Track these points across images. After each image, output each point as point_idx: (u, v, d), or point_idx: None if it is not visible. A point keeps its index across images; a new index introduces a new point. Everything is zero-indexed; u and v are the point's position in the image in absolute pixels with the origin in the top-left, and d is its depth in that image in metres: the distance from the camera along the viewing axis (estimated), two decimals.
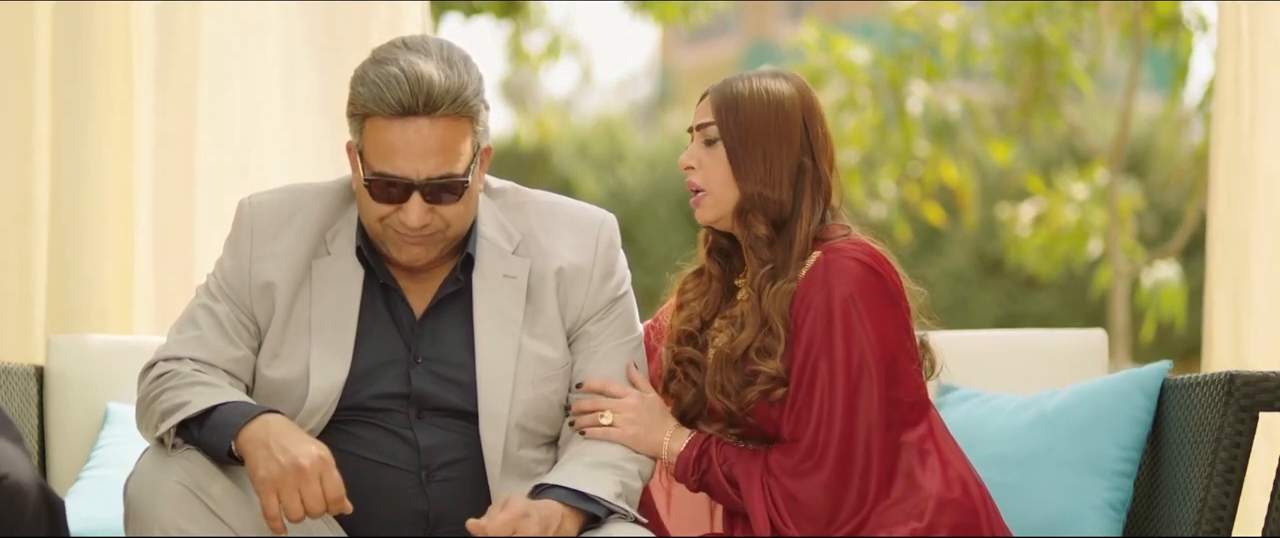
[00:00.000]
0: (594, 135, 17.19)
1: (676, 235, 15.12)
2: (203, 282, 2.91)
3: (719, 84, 2.90)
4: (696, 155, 2.87)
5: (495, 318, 2.84)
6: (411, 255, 2.79)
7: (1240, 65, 3.73)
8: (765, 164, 2.83)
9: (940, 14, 8.55)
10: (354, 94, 2.77)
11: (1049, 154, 13.95)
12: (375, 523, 2.81)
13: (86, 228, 3.97)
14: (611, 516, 2.78)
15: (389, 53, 2.76)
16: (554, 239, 2.89)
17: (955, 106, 8.72)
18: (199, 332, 2.83)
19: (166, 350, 2.83)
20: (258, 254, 2.85)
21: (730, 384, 2.83)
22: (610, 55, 25.54)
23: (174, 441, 2.69)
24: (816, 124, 2.87)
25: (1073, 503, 3.19)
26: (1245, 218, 3.73)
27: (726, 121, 2.84)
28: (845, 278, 2.78)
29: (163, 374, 2.78)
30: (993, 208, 10.70)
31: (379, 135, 2.73)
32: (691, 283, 2.97)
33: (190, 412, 2.67)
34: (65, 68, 3.95)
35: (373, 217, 2.78)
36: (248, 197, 2.91)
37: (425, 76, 2.70)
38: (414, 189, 2.73)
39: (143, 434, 2.79)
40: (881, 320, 2.79)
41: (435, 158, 2.73)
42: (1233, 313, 3.74)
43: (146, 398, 2.78)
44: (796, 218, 2.84)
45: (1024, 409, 3.31)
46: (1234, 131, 3.74)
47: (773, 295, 2.81)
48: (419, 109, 2.70)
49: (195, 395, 2.70)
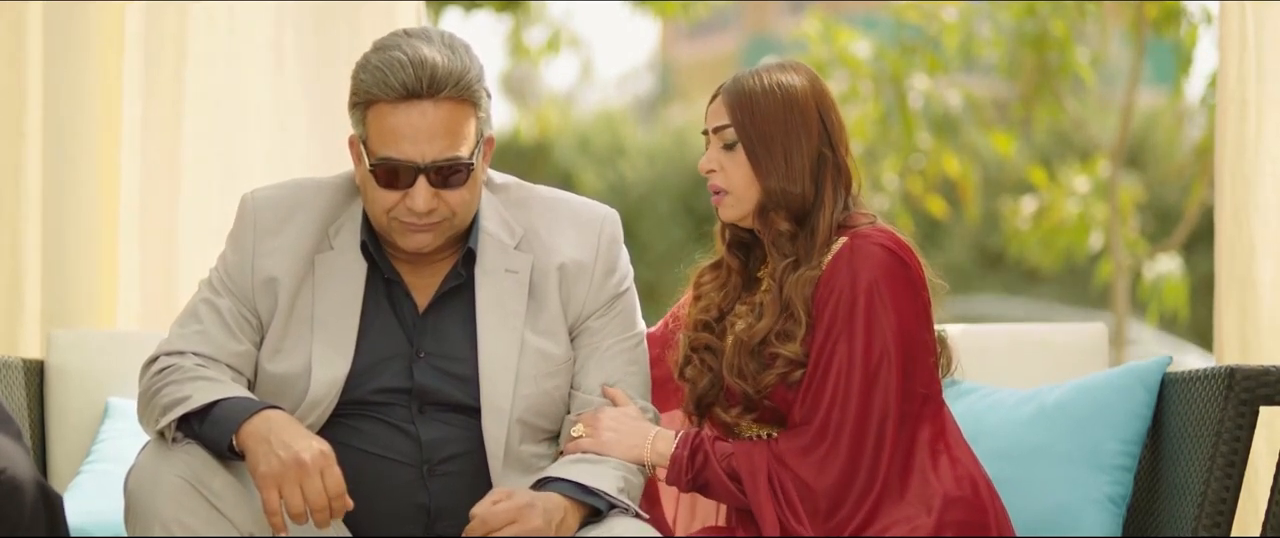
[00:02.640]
0: (594, 130, 17.17)
1: (677, 230, 15.11)
2: (206, 276, 2.91)
3: (729, 83, 2.89)
4: (716, 159, 2.87)
5: (498, 313, 2.84)
6: (418, 242, 2.79)
7: (1246, 59, 3.71)
8: (786, 160, 2.83)
9: (942, 7, 8.54)
10: (356, 83, 2.78)
11: (1050, 147, 13.95)
12: (377, 518, 2.81)
13: (75, 220, 3.96)
14: (613, 510, 2.78)
15: (391, 40, 2.77)
16: (556, 235, 2.89)
17: (957, 99, 8.71)
18: (201, 326, 2.83)
19: (169, 345, 2.83)
20: (260, 249, 2.85)
21: (747, 369, 2.82)
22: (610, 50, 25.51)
23: (175, 435, 2.69)
24: (831, 112, 2.87)
25: (1073, 497, 3.19)
26: (1252, 212, 3.71)
27: (743, 122, 2.84)
28: (871, 263, 2.78)
29: (165, 368, 2.78)
30: (994, 201, 10.69)
31: (383, 121, 2.74)
32: (709, 275, 2.97)
33: (191, 406, 2.67)
34: (56, 60, 3.94)
35: (380, 208, 2.78)
36: (250, 191, 2.91)
37: (429, 59, 2.72)
38: (419, 173, 2.73)
39: (144, 428, 2.79)
40: (904, 309, 2.79)
41: (440, 140, 2.73)
42: (1240, 307, 3.73)
43: (148, 392, 2.78)
44: (819, 208, 2.84)
45: (1024, 403, 3.31)
46: (1239, 125, 3.72)
47: (795, 282, 2.81)
48: (423, 91, 2.71)
49: (196, 390, 2.70)
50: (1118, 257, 8.59)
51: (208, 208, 4.05)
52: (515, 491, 2.72)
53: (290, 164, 4.06)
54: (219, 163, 4.07)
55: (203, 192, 4.06)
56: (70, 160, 3.96)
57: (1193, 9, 8.07)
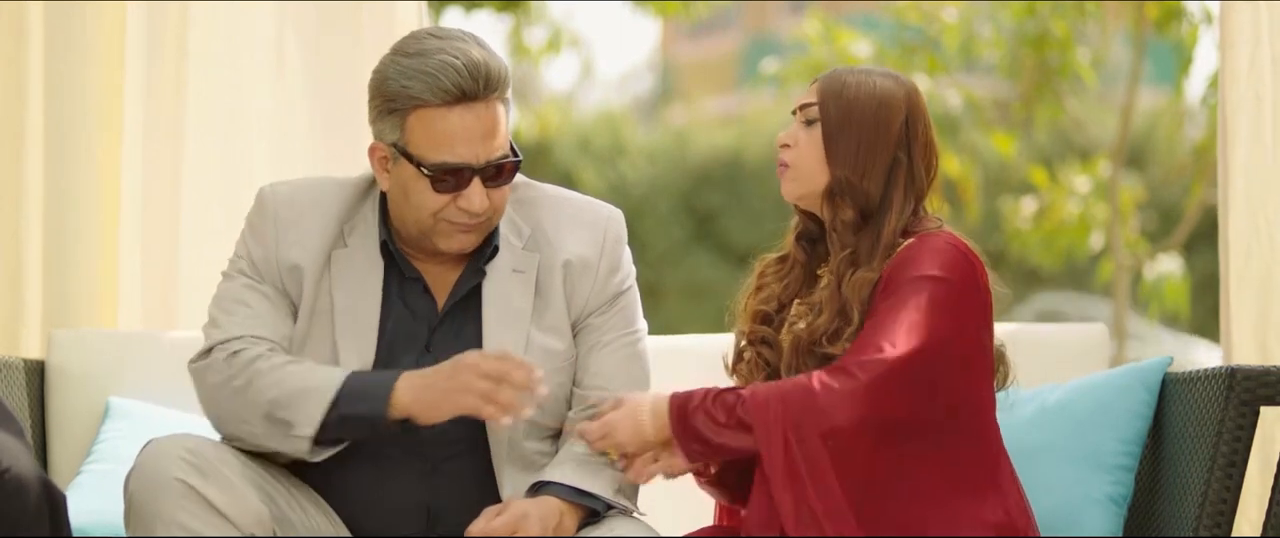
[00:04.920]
0: (595, 129, 17.16)
1: (677, 230, 15.11)
2: (226, 269, 2.88)
3: (831, 71, 2.93)
4: (794, 134, 2.89)
5: (505, 312, 2.84)
6: (463, 243, 2.80)
7: (1259, 54, 3.70)
8: (858, 152, 2.84)
9: (943, 7, 8.54)
10: (392, 90, 2.74)
11: (1051, 147, 13.94)
12: (378, 515, 2.81)
13: (76, 220, 3.96)
14: (610, 511, 2.78)
15: (425, 45, 2.75)
16: (563, 233, 2.89)
17: (957, 100, 8.71)
18: (252, 310, 2.81)
19: (224, 331, 2.80)
20: (283, 240, 2.84)
21: (805, 369, 2.81)
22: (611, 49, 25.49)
23: (312, 431, 2.68)
24: (919, 125, 2.88)
25: (1074, 497, 3.19)
26: (1271, 209, 3.70)
27: (828, 104, 2.87)
28: (938, 256, 2.78)
29: (249, 359, 2.75)
30: (995, 201, 10.69)
31: (433, 126, 2.73)
32: (773, 267, 2.98)
33: (329, 398, 2.67)
34: (57, 60, 3.94)
35: (425, 212, 2.77)
36: (268, 185, 2.90)
37: (479, 60, 2.72)
38: (475, 174, 2.74)
39: (226, 425, 2.76)
40: (967, 304, 2.78)
41: (492, 139, 2.75)
42: (1258, 306, 3.71)
43: (229, 382, 2.74)
44: (886, 210, 2.84)
45: (1026, 403, 3.31)
46: (1255, 121, 3.70)
47: (852, 283, 2.81)
48: (479, 93, 2.72)
49: (307, 378, 2.70)
50: (1119, 256, 8.59)
51: (208, 208, 4.05)
52: (509, 503, 2.73)
53: (291, 164, 4.06)
54: (220, 163, 4.07)
55: (204, 191, 4.06)
56: (71, 160, 3.96)
57: (1193, 9, 8.08)
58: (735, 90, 19.45)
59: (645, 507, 2.89)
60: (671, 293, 12.85)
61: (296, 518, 2.75)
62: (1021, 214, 9.32)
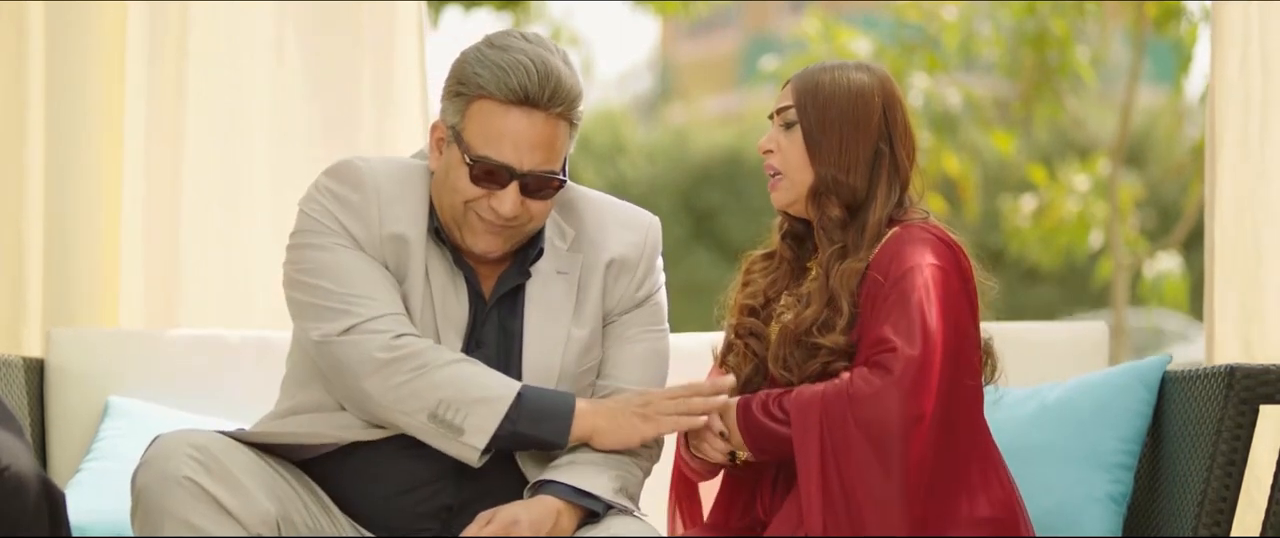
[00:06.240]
0: (595, 128, 17.16)
1: (677, 228, 15.12)
2: (312, 243, 2.81)
3: (802, 71, 2.93)
4: (775, 139, 2.91)
5: (546, 313, 2.85)
6: (487, 245, 2.80)
7: (1249, 55, 3.70)
8: (841, 148, 2.85)
9: (942, 6, 8.55)
10: (465, 73, 2.75)
11: (1050, 146, 13.95)
12: (401, 510, 2.81)
13: (77, 219, 3.96)
14: (610, 510, 2.78)
15: (509, 41, 2.76)
16: (607, 234, 2.92)
17: (957, 98, 8.72)
18: (386, 286, 2.78)
19: (371, 307, 2.76)
20: (387, 216, 2.80)
21: (793, 359, 2.84)
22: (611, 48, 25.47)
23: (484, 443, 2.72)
24: (896, 113, 2.89)
25: (1073, 496, 3.19)
26: (1257, 211, 3.70)
27: (805, 105, 2.87)
28: (921, 248, 2.79)
29: (407, 342, 2.74)
30: (994, 199, 10.70)
31: (490, 119, 2.74)
32: (760, 263, 3.00)
33: (503, 410, 2.72)
34: (57, 60, 3.94)
35: (459, 198, 2.77)
36: (360, 159, 2.85)
37: (554, 70, 2.73)
38: (514, 178, 2.74)
39: (379, 411, 2.75)
40: (953, 296, 2.79)
41: (542, 151, 2.74)
42: (1242, 306, 3.72)
43: (394, 367, 2.72)
44: (871, 202, 2.86)
45: (1025, 402, 3.31)
46: (1243, 122, 3.71)
47: (841, 273, 2.83)
48: (542, 101, 2.72)
49: (483, 386, 2.72)
50: (1118, 255, 8.59)
51: (208, 207, 4.04)
52: (498, 509, 2.73)
53: (291, 164, 4.06)
54: (220, 162, 4.07)
55: (204, 191, 4.06)
56: (72, 159, 3.95)
57: (1192, 8, 8.08)
58: (735, 89, 19.46)
59: (645, 507, 2.89)
60: (671, 292, 12.91)
61: (299, 519, 2.74)
62: (1021, 212, 9.33)
